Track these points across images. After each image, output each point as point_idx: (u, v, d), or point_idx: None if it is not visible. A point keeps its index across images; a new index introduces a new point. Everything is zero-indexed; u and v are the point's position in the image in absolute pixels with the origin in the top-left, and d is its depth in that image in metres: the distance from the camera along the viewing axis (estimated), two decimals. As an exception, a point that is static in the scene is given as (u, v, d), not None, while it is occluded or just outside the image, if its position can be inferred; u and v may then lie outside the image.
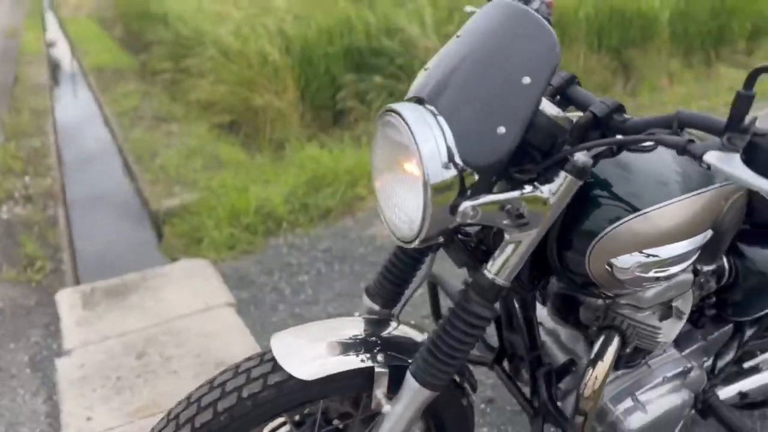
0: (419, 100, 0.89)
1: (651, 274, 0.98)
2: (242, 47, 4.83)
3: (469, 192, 0.85)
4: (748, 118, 0.71)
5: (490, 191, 0.87)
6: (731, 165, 0.73)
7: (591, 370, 1.14)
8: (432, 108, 0.87)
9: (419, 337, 1.14)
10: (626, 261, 0.98)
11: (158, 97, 5.77)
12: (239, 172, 3.70)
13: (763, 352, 1.58)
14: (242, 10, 5.60)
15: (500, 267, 0.94)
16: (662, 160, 1.01)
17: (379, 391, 1.06)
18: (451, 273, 1.33)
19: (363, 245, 2.87)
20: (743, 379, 1.51)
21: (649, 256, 0.97)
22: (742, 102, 0.71)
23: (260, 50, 4.81)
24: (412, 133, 0.84)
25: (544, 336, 1.34)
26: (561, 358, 1.34)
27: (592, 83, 5.05)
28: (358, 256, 2.78)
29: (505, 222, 0.89)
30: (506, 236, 0.93)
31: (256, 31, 4.99)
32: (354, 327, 1.12)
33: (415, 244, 0.91)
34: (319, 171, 3.35)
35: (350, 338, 1.08)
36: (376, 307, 1.19)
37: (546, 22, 0.88)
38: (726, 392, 1.47)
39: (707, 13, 5.81)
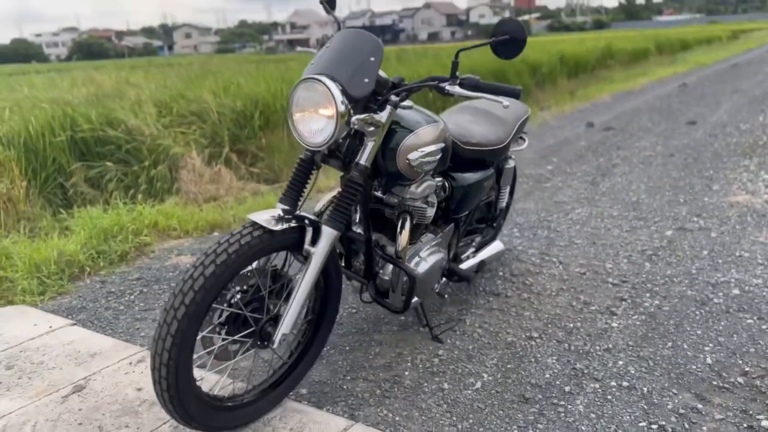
0: (322, 74, 1.81)
1: (426, 159, 2.05)
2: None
3: (353, 114, 1.80)
4: (458, 73, 1.84)
5: (362, 113, 1.83)
6: (458, 90, 1.84)
7: (400, 236, 2.15)
8: (332, 76, 1.80)
9: (313, 216, 1.98)
10: (414, 155, 2.03)
11: None
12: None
13: (467, 249, 2.83)
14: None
15: (366, 155, 1.90)
16: (417, 112, 2.11)
17: (306, 243, 1.87)
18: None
19: (169, 271, 3.39)
20: (463, 263, 2.73)
21: (423, 152, 2.04)
22: (455, 65, 1.85)
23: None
24: (329, 89, 1.76)
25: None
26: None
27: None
28: (170, 278, 3.29)
29: (369, 129, 1.86)
30: (366, 139, 1.89)
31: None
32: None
33: (326, 146, 1.82)
34: (102, 225, 3.72)
35: (288, 216, 1.87)
36: (288, 208, 1.98)
37: (372, 34, 1.90)
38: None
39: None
